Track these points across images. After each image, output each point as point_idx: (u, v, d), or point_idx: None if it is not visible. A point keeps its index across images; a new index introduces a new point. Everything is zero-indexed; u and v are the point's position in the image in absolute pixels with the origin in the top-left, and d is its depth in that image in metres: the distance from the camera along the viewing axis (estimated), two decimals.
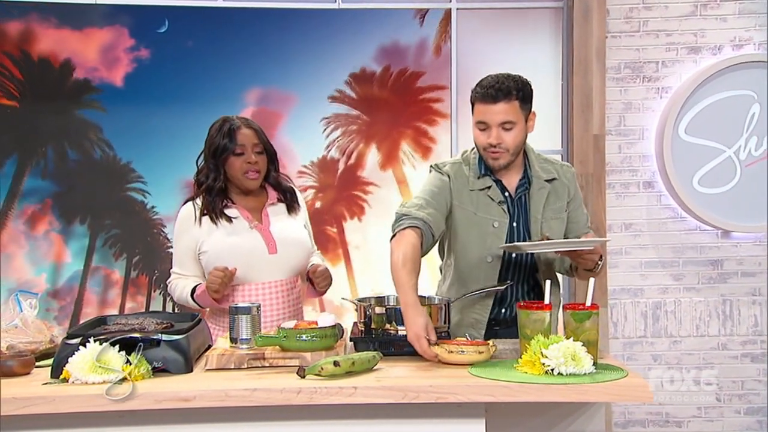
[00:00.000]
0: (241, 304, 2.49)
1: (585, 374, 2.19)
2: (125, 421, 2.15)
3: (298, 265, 3.04)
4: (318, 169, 4.77)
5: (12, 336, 2.50)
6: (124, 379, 2.16)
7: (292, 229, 3.04)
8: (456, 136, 4.70)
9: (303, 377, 2.20)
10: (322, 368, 2.20)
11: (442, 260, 2.97)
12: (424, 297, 2.75)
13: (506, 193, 2.79)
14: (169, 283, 3.06)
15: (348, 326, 2.69)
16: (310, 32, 4.68)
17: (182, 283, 2.99)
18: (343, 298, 3.05)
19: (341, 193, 4.77)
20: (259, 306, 2.51)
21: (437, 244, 2.86)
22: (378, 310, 2.54)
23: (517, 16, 4.75)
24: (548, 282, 2.45)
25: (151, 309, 4.59)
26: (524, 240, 2.76)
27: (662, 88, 4.67)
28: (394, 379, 2.22)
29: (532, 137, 4.64)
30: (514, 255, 2.80)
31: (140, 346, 2.25)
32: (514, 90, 2.63)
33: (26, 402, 2.08)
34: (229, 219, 2.97)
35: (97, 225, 4.65)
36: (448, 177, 2.80)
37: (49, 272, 4.60)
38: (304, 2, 4.66)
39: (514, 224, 2.79)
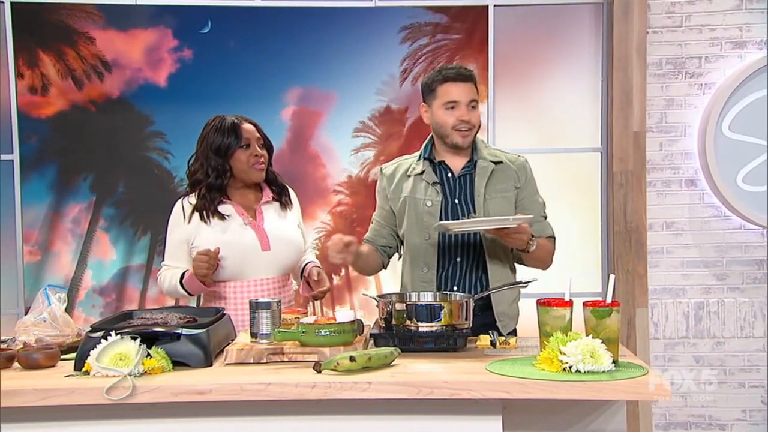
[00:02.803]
0: (261, 299, 2.52)
1: (603, 372, 2.15)
2: (143, 413, 2.18)
3: (289, 264, 3.09)
4: (378, 122, 4.72)
5: (40, 329, 2.56)
6: (143, 373, 2.20)
7: (285, 228, 3.08)
8: (494, 133, 4.68)
9: (319, 372, 2.21)
10: (338, 363, 2.20)
11: None
12: (447, 293, 2.79)
13: (449, 174, 3.00)
14: (159, 274, 3.10)
15: None
16: (349, 31, 4.70)
17: (171, 273, 3.02)
18: (364, 294, 3.05)
19: (409, 148, 4.27)
20: (279, 301, 2.54)
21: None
22: (399, 306, 2.53)
23: (556, 13, 4.70)
24: (569, 279, 2.41)
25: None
26: (469, 215, 2.94)
27: (705, 84, 4.57)
28: (409, 374, 2.21)
29: (572, 134, 4.65)
30: (463, 236, 2.96)
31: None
32: (471, 76, 2.94)
33: (46, 393, 2.13)
34: (222, 216, 2.99)
35: (104, 189, 4.69)
36: (384, 178, 3.12)
37: (95, 269, 4.67)
38: (343, 1, 4.68)
39: (456, 201, 2.97)
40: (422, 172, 3.00)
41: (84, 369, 2.25)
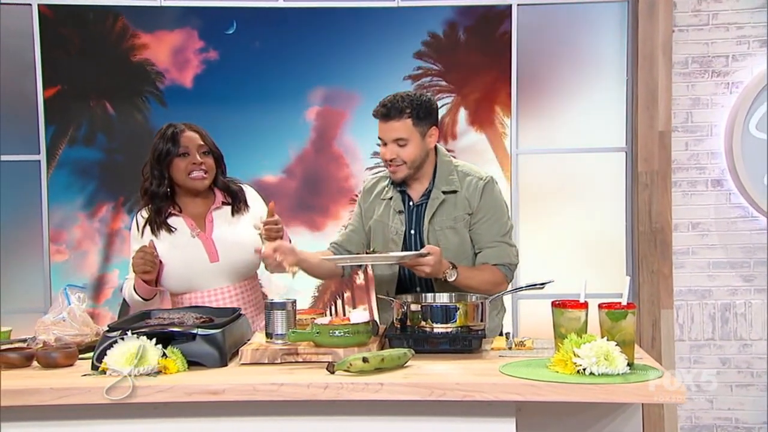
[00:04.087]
0: (276, 300, 2.52)
1: (618, 374, 2.13)
2: (158, 413, 2.20)
3: (247, 269, 3.06)
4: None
5: (59, 328, 2.59)
6: (158, 372, 2.22)
7: (236, 234, 3.03)
8: (517, 133, 4.66)
9: (332, 373, 2.21)
10: (350, 364, 2.20)
11: None
12: (464, 294, 2.76)
13: (410, 203, 2.98)
14: (122, 287, 3.11)
15: None
16: (372, 31, 4.71)
17: (129, 283, 3.03)
18: (378, 296, 3.05)
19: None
20: (295, 301, 2.54)
21: None
22: (414, 307, 2.53)
23: (580, 12, 4.67)
24: (584, 281, 2.39)
25: None
26: (418, 247, 2.91)
27: (732, 83, 4.52)
28: (421, 375, 2.20)
29: (596, 133, 4.61)
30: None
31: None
32: (407, 109, 2.82)
33: (63, 392, 2.15)
34: (170, 230, 2.99)
35: (129, 190, 4.67)
36: (364, 192, 3.14)
37: (122, 269, 4.71)
38: (365, 1, 4.68)
39: (412, 232, 2.96)
40: (391, 198, 3.00)
41: (101, 368, 2.27)
